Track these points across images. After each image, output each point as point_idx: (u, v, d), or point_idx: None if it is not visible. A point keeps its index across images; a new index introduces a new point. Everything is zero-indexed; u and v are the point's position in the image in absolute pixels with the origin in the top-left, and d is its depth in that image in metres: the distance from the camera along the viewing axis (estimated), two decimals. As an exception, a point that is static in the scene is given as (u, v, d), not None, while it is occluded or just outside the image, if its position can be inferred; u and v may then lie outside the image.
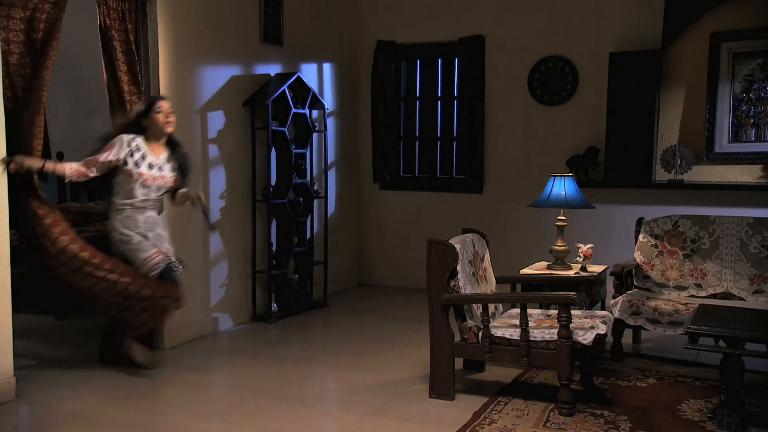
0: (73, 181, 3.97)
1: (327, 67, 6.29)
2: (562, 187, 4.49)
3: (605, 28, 5.60)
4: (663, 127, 5.31)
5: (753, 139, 5.03)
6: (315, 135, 5.88)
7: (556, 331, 3.42)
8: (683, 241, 4.50)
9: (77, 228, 4.66)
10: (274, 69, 5.56)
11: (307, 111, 5.66)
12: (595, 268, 4.52)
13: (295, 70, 5.72)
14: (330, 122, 6.26)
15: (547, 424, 3.30)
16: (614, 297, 4.31)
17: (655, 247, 4.53)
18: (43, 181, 4.29)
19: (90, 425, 3.33)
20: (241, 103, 5.24)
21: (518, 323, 3.51)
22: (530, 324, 3.56)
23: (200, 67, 4.88)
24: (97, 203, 5.99)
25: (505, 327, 3.63)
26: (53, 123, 6.33)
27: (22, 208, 3.77)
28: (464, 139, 6.32)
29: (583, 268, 4.42)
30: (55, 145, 6.47)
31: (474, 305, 3.65)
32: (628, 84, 5.31)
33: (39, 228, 3.77)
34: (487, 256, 4.11)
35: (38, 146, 3.76)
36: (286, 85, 5.35)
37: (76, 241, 3.87)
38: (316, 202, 5.95)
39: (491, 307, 3.81)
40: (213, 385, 4.08)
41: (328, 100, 6.25)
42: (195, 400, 3.68)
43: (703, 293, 4.38)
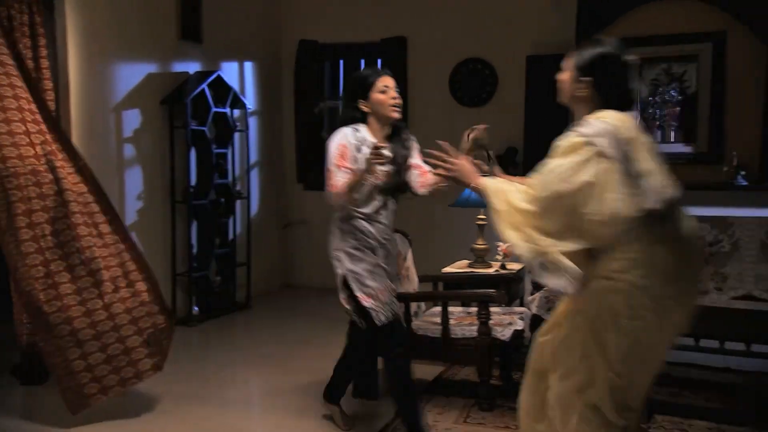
0: None
1: (248, 66, 6.20)
2: (482, 186, 4.59)
3: (522, 32, 5.75)
4: (577, 129, 5.51)
5: (659, 140, 5.29)
6: (237, 135, 5.79)
7: (476, 328, 3.50)
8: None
9: None
10: (193, 67, 5.44)
11: (228, 110, 5.56)
12: (515, 266, 4.64)
13: (215, 68, 5.61)
14: (252, 122, 6.18)
15: (468, 420, 3.37)
16: (532, 294, 4.43)
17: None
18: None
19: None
20: (159, 102, 5.10)
21: (440, 321, 3.57)
22: (451, 322, 3.62)
23: (114, 63, 4.71)
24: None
25: (427, 325, 3.68)
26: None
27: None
28: (388, 140, 6.36)
29: (503, 266, 4.53)
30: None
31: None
32: (545, 86, 5.40)
33: None
34: (409, 256, 4.15)
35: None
36: (206, 83, 5.24)
37: None
38: (238, 202, 5.86)
39: (414, 306, 3.85)
40: (128, 391, 3.95)
41: (250, 100, 6.16)
42: (109, 409, 3.56)
43: (614, 288, 4.57)
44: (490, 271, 4.53)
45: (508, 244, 2.23)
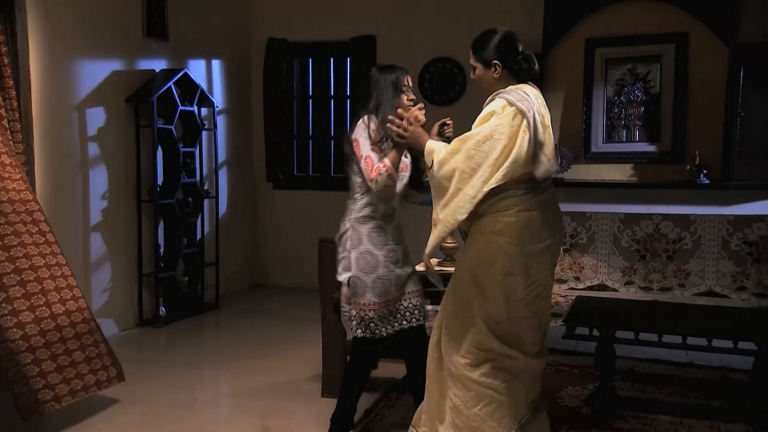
0: None
1: (216, 64, 6.14)
2: (450, 185, 4.62)
3: (491, 32, 5.79)
4: (545, 128, 5.57)
5: (624, 139, 5.37)
6: (204, 133, 5.73)
7: (444, 326, 3.51)
8: (563, 237, 4.75)
9: None
10: (159, 65, 5.36)
11: (195, 108, 5.50)
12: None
13: (181, 66, 5.54)
14: (220, 120, 6.12)
15: (436, 418, 3.38)
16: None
17: (538, 242, 4.75)
18: None
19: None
20: (124, 100, 5.02)
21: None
22: (420, 320, 3.63)
23: (77, 60, 4.63)
24: None
25: (395, 324, 3.67)
26: None
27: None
28: (357, 138, 6.35)
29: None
30: None
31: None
32: (512, 86, 5.53)
33: None
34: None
35: None
36: (173, 81, 5.17)
37: None
38: (206, 202, 5.80)
39: (382, 305, 3.85)
40: (93, 395, 3.88)
41: (218, 98, 6.11)
42: (73, 414, 3.49)
43: (581, 286, 4.64)
44: (459, 269, 4.56)
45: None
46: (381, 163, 2.82)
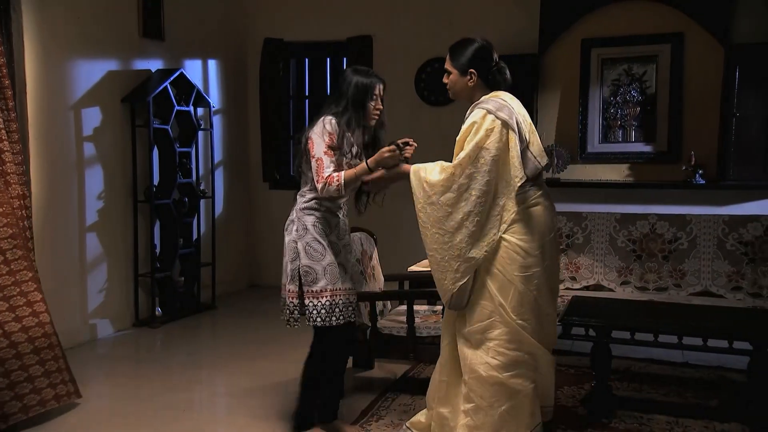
0: None
1: (212, 64, 6.13)
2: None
3: (487, 32, 5.69)
4: (541, 128, 5.56)
5: (620, 140, 5.38)
6: (200, 133, 5.72)
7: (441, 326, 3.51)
8: (559, 237, 4.76)
9: None
10: (155, 65, 5.35)
11: (191, 108, 5.49)
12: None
13: (177, 66, 5.53)
14: (216, 120, 6.11)
15: (433, 418, 3.38)
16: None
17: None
18: None
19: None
20: (120, 100, 5.01)
21: (405, 320, 3.58)
22: (417, 320, 3.64)
23: (73, 60, 4.62)
24: None
25: (392, 324, 3.69)
26: None
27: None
28: (354, 138, 6.35)
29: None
30: None
31: (362, 303, 3.68)
32: (510, 85, 5.53)
33: None
34: (375, 255, 4.16)
35: None
36: (169, 81, 5.17)
37: None
38: (202, 202, 5.79)
39: (379, 305, 3.86)
40: (89, 396, 3.87)
41: (214, 98, 6.10)
42: (69, 415, 3.49)
43: (577, 286, 4.65)
44: (456, 269, 4.56)
45: None
46: (336, 174, 2.87)
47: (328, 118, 2.95)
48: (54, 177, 4.49)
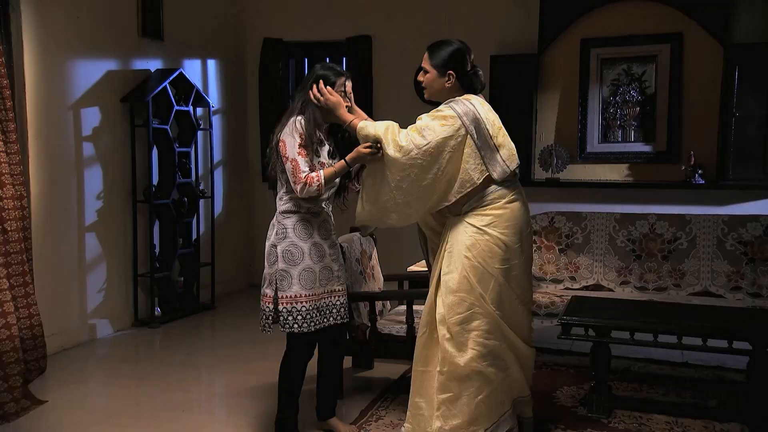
0: None
1: (212, 64, 6.13)
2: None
3: (487, 32, 5.79)
4: (540, 128, 5.57)
5: (620, 139, 5.37)
6: (200, 133, 5.72)
7: (440, 326, 3.51)
8: (559, 237, 4.76)
9: None
10: (154, 64, 5.35)
11: (190, 108, 5.49)
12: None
13: (177, 66, 5.53)
14: (216, 120, 6.11)
15: (432, 418, 3.37)
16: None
17: (534, 242, 4.75)
18: None
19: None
20: (119, 100, 5.00)
21: (405, 320, 3.58)
22: (416, 320, 3.63)
23: (72, 60, 4.61)
24: None
25: (392, 324, 3.68)
26: None
27: None
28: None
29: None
30: None
31: (361, 303, 3.68)
32: (508, 86, 5.52)
33: None
34: (374, 255, 4.15)
35: None
36: (168, 81, 5.16)
37: None
38: (202, 202, 5.78)
39: (379, 305, 3.86)
40: (88, 396, 3.87)
41: (214, 98, 6.09)
42: (67, 415, 3.48)
43: (576, 285, 4.65)
44: (455, 269, 4.56)
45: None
46: (315, 174, 2.85)
47: (298, 119, 2.91)
48: (53, 177, 4.48)
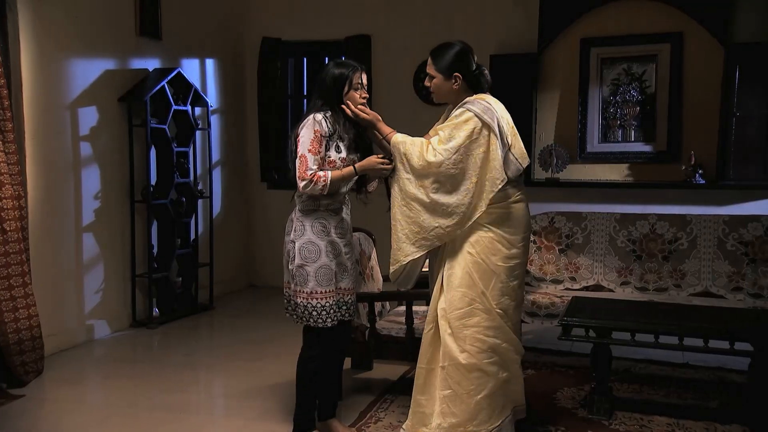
0: None
1: (210, 63, 6.11)
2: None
3: (487, 31, 5.77)
4: (540, 128, 5.56)
5: (620, 139, 5.36)
6: (198, 133, 5.69)
7: (439, 327, 3.49)
8: (559, 237, 4.74)
9: None
10: (152, 64, 5.33)
11: (189, 108, 5.47)
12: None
13: (175, 65, 5.51)
14: (214, 120, 6.08)
15: (432, 419, 3.35)
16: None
17: (534, 243, 4.74)
18: None
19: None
20: (117, 99, 4.98)
21: (404, 320, 3.56)
22: (416, 321, 3.61)
23: (69, 60, 4.59)
24: None
25: (391, 325, 3.66)
26: None
27: None
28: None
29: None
30: None
31: (360, 304, 3.66)
32: (508, 85, 5.46)
33: None
34: (374, 255, 4.13)
35: None
36: (166, 80, 5.14)
37: None
38: (200, 202, 5.76)
39: (378, 306, 3.84)
40: (86, 398, 3.85)
41: (212, 97, 6.07)
42: (65, 416, 3.46)
43: (576, 286, 4.63)
44: (455, 269, 4.54)
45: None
46: (323, 173, 2.86)
47: (318, 116, 2.92)
48: (50, 177, 4.46)
